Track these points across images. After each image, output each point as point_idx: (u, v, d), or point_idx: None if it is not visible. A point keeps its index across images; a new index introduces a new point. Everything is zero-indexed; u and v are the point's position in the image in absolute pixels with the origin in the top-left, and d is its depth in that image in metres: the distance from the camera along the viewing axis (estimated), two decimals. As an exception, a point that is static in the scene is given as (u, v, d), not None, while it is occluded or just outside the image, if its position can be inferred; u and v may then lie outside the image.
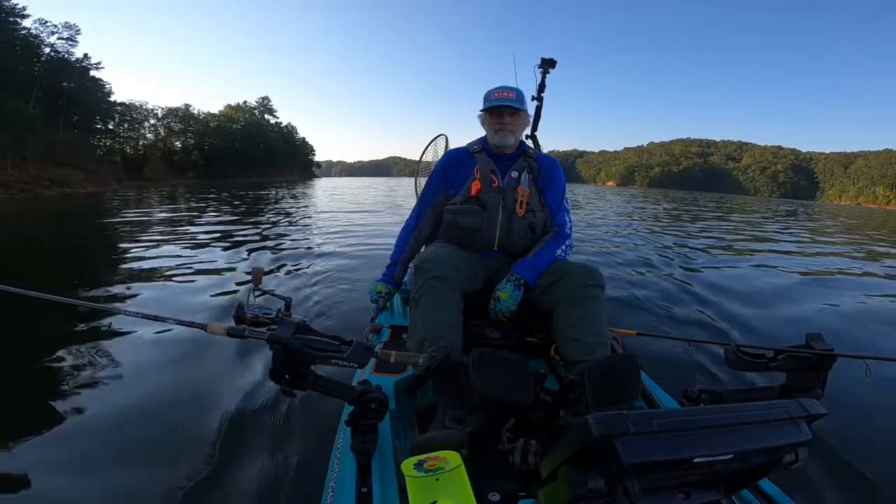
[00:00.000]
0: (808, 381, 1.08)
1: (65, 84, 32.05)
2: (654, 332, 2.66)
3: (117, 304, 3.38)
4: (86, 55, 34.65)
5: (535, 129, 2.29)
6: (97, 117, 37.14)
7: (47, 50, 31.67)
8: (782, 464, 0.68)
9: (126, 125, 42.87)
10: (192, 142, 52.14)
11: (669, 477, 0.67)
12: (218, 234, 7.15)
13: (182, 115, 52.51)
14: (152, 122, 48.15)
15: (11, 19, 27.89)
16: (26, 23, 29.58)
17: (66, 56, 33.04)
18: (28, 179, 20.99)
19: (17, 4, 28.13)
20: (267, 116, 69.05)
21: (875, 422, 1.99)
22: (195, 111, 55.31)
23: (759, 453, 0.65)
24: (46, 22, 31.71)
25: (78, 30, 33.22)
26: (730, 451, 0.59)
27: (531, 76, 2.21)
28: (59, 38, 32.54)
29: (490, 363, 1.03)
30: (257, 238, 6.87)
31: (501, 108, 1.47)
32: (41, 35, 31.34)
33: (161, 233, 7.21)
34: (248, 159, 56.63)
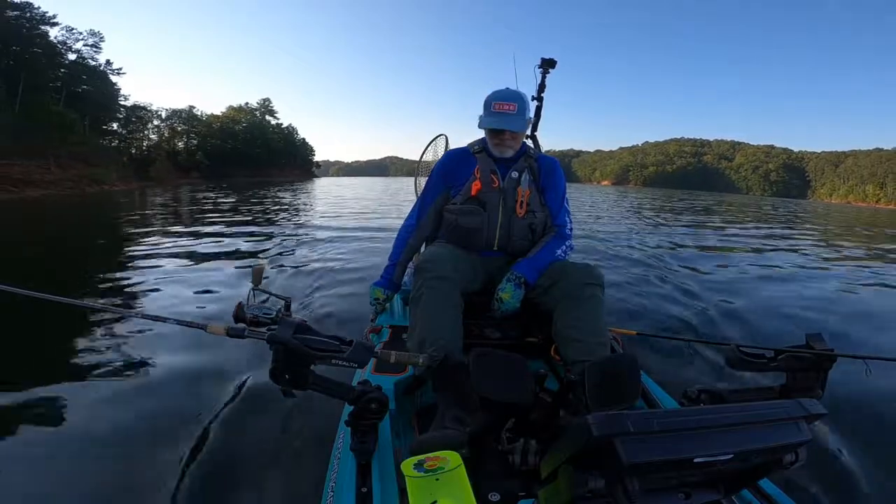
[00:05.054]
0: (808, 381, 1.08)
1: (84, 88, 32.57)
2: (654, 332, 2.65)
3: (117, 305, 3.38)
4: (108, 61, 35.59)
5: (534, 129, 2.28)
6: (109, 119, 37.73)
7: (73, 56, 32.36)
8: (782, 464, 0.68)
9: (131, 126, 43.16)
10: (196, 142, 52.34)
11: (669, 477, 0.67)
12: (220, 233, 7.14)
13: (186, 117, 52.71)
14: (156, 122, 48.46)
15: (41, 27, 28.32)
16: (54, 30, 30.25)
17: (91, 62, 33.84)
18: (71, 178, 21.96)
19: (46, 12, 28.59)
20: (268, 118, 69.43)
21: (875, 422, 1.98)
22: (198, 112, 55.66)
23: (759, 453, 0.65)
24: (73, 29, 32.62)
25: (102, 37, 34.11)
26: (730, 451, 0.59)
27: (531, 76, 2.21)
28: (84, 45, 33.41)
29: (490, 363, 1.03)
30: (258, 236, 6.87)
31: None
32: (67, 41, 32.10)
33: (165, 231, 7.21)
34: (249, 159, 57.14)
